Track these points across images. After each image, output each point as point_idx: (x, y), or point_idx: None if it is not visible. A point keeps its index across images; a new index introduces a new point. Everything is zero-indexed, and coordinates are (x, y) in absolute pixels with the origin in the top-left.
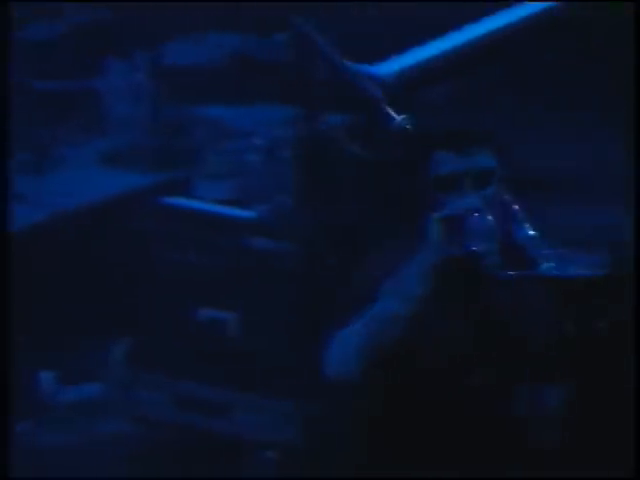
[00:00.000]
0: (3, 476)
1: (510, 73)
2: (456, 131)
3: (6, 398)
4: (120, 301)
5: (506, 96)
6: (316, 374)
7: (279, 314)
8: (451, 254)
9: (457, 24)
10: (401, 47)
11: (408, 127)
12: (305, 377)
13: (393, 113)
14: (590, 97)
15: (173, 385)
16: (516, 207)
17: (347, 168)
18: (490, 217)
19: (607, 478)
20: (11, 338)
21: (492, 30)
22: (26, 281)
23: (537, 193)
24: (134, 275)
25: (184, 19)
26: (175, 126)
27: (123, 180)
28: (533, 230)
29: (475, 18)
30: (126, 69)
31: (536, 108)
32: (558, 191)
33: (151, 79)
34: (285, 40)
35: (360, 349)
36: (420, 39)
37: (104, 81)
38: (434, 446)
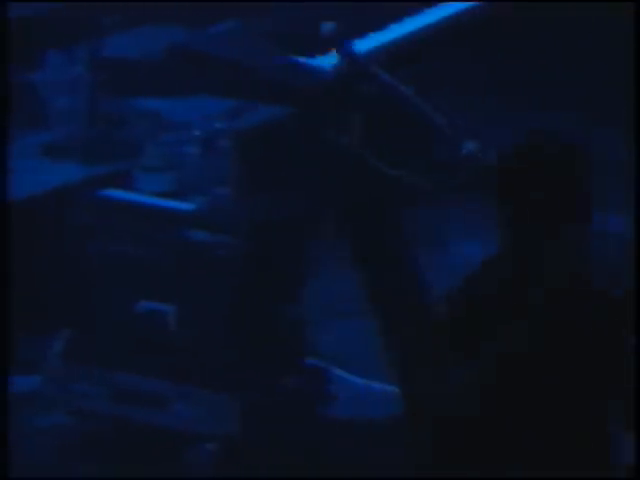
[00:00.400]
0: (3, 476)
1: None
2: (550, 150)
3: (4, 397)
4: (58, 294)
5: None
6: (254, 367)
7: (218, 306)
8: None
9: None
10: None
11: (480, 156)
12: (244, 370)
13: (461, 140)
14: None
15: (112, 378)
16: None
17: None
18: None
19: (607, 478)
20: None
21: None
22: None
23: None
24: (72, 268)
25: (123, 12)
26: (114, 119)
27: (62, 173)
28: None
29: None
30: (65, 62)
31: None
32: None
33: (90, 72)
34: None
35: None
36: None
37: (42, 74)
38: (503, 448)
